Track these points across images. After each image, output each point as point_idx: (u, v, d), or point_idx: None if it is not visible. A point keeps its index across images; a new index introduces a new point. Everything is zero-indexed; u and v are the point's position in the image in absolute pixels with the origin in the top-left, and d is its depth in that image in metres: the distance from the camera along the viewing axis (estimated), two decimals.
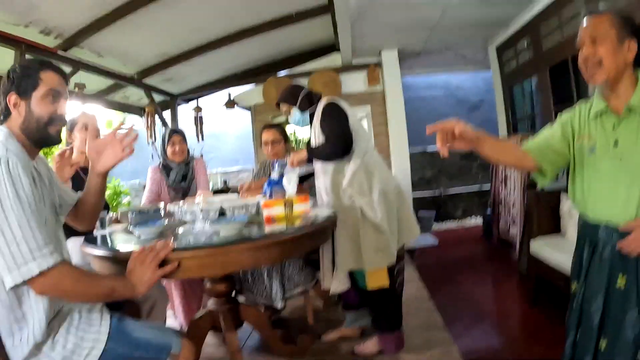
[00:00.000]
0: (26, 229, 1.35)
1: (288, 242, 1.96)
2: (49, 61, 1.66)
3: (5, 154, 1.40)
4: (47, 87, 1.58)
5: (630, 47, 1.58)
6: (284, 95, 3.01)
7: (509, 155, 1.86)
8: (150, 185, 3.48)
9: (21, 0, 3.23)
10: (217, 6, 4.28)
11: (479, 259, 5.81)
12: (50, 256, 1.38)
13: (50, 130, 1.61)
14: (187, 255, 1.77)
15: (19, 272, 1.34)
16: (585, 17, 1.67)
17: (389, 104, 6.16)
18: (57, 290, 1.44)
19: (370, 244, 2.62)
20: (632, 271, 1.57)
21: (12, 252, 1.33)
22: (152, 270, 1.65)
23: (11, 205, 1.35)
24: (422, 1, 4.50)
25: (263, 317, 2.75)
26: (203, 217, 2.19)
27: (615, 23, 1.58)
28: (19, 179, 1.39)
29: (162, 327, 1.83)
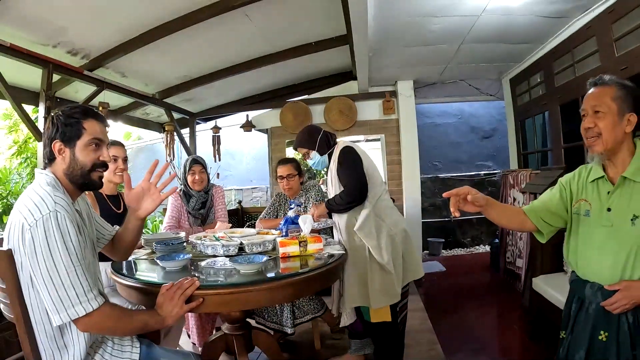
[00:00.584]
0: (73, 276, 1.51)
1: (302, 282, 2.10)
2: (91, 109, 1.79)
3: (54, 207, 1.54)
4: (91, 137, 1.73)
5: (630, 120, 1.70)
6: (302, 140, 3.11)
7: (512, 220, 2.03)
8: (170, 212, 3.61)
9: (52, 23, 3.41)
10: (238, 36, 4.43)
11: (485, 288, 5.85)
12: (94, 300, 1.55)
13: (93, 176, 1.76)
14: (210, 293, 1.92)
15: (67, 313, 1.50)
16: (590, 86, 1.80)
17: (402, 133, 6.23)
18: (99, 328, 1.62)
19: (376, 284, 2.76)
20: (613, 327, 1.71)
21: (61, 296, 1.49)
22: (180, 306, 1.80)
23: (60, 255, 1.50)
24: (439, 39, 4.62)
25: (273, 343, 2.85)
26: (224, 252, 2.38)
27: (618, 97, 1.70)
28: (67, 230, 1.54)
29: (183, 352, 1.97)
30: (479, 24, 4.21)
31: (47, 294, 1.50)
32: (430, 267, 6.78)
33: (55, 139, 1.70)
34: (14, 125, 7.38)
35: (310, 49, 4.99)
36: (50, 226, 1.51)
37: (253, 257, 2.30)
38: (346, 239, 2.88)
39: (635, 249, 1.67)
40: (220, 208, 3.75)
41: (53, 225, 1.51)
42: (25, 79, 4.19)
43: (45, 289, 1.50)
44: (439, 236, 8.00)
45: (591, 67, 4.01)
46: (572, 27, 4.30)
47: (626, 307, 1.67)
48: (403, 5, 3.74)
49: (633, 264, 1.68)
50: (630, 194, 1.71)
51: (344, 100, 6.23)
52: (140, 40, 3.96)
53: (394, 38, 4.57)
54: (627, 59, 3.45)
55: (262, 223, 3.60)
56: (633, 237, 1.67)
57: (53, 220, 1.52)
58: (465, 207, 1.85)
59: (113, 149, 3.00)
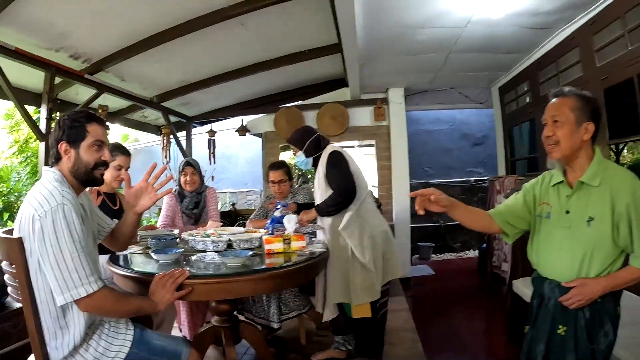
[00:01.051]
0: (77, 261, 1.70)
1: (283, 275, 2.29)
2: (94, 114, 2.00)
3: (62, 201, 1.73)
4: (93, 139, 1.93)
5: (587, 129, 1.82)
6: (294, 138, 3.26)
7: (478, 221, 2.18)
8: (165, 210, 3.76)
9: (55, 28, 3.57)
10: (233, 43, 4.58)
11: (471, 292, 5.98)
12: (95, 283, 1.73)
13: (96, 174, 1.96)
14: (198, 282, 2.12)
15: (70, 294, 1.68)
16: (551, 97, 1.93)
17: (393, 139, 6.36)
18: (98, 309, 1.81)
19: (357, 281, 2.92)
20: (571, 322, 1.84)
21: (65, 278, 1.68)
22: (171, 293, 2.01)
23: (66, 243, 1.69)
24: (427, 48, 4.78)
25: (260, 335, 3.02)
26: (213, 247, 2.59)
27: (576, 107, 1.83)
28: (72, 221, 1.73)
29: (175, 338, 2.14)
30: (465, 34, 4.37)
31: (54, 277, 1.68)
32: (419, 271, 6.92)
33: (62, 141, 1.90)
34: (15, 125, 7.53)
35: (303, 56, 5.12)
36: (57, 217, 1.69)
37: (239, 252, 2.49)
38: (330, 239, 3.03)
39: (591, 249, 1.78)
40: (213, 209, 3.91)
41: (60, 216, 1.70)
42: (28, 81, 4.34)
43: (51, 273, 1.68)
44: (429, 241, 8.14)
45: (574, 77, 4.14)
46: (556, 38, 4.45)
47: (581, 303, 1.78)
48: (390, 16, 3.91)
49: (589, 262, 1.79)
50: (587, 198, 1.81)
51: (336, 107, 6.36)
52: (140, 46, 4.12)
53: (383, 47, 4.74)
54: (607, 69, 3.60)
55: (252, 223, 3.75)
56: (588, 237, 1.78)
57: (60, 212, 1.70)
58: (430, 207, 2.00)
59: (121, 159, 3.22)
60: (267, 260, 2.51)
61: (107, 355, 1.85)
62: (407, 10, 3.81)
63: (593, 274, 1.79)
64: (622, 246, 1.77)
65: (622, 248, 1.78)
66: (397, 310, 4.40)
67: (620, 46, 3.45)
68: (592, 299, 1.78)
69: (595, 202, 1.79)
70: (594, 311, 1.80)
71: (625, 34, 3.35)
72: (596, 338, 1.80)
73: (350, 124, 6.45)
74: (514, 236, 2.16)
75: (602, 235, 1.76)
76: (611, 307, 1.82)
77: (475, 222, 2.18)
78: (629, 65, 3.33)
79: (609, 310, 1.82)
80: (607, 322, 1.81)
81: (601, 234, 1.76)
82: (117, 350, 1.87)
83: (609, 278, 1.78)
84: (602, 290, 1.77)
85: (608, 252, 1.78)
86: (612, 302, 1.82)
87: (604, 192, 1.77)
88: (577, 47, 4.06)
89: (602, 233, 1.76)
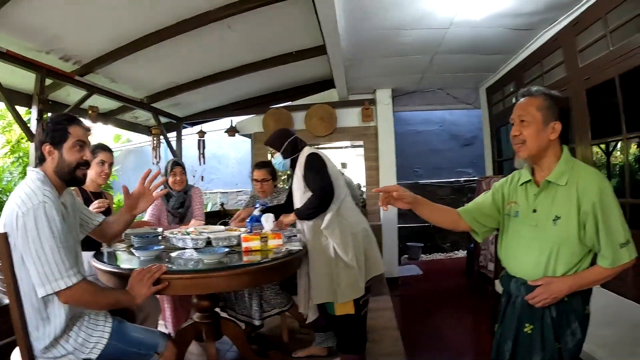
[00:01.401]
0: (57, 256, 1.81)
1: (258, 271, 2.39)
2: (76, 117, 2.13)
3: (43, 199, 1.85)
4: (75, 139, 2.05)
5: (555, 128, 1.83)
6: (271, 140, 3.32)
7: (445, 219, 2.19)
8: (151, 210, 3.84)
9: (46, 31, 3.63)
10: (221, 45, 4.63)
11: (458, 291, 6.04)
12: (74, 276, 1.85)
13: (78, 173, 2.09)
14: (175, 277, 2.24)
15: (50, 286, 1.80)
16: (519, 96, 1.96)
17: (380, 140, 6.43)
18: (77, 301, 1.92)
19: (342, 280, 2.98)
20: (537, 321, 1.85)
21: (45, 271, 1.79)
22: (148, 287, 2.12)
23: (46, 238, 1.80)
24: (412, 50, 4.84)
25: (240, 332, 3.10)
26: (193, 245, 2.68)
27: (543, 107, 1.84)
28: (53, 218, 1.84)
29: (152, 330, 2.23)
30: (449, 35, 4.43)
31: (35, 270, 1.79)
32: (408, 271, 6.98)
33: (46, 143, 2.02)
34: (8, 126, 7.56)
35: (290, 58, 5.17)
36: (39, 214, 1.80)
37: (216, 249, 2.59)
38: (312, 240, 3.09)
39: (557, 247, 1.79)
40: (198, 208, 3.99)
41: (41, 214, 1.81)
42: (19, 82, 4.38)
43: (33, 266, 1.79)
44: (418, 241, 8.20)
45: (558, 77, 4.18)
46: (540, 39, 4.49)
47: (547, 301, 1.79)
48: (373, 18, 3.97)
49: (555, 261, 1.80)
50: (553, 196, 1.83)
51: (324, 108, 6.43)
52: (128, 49, 4.17)
53: (368, 49, 4.80)
54: (589, 69, 3.64)
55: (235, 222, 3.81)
56: (554, 236, 1.79)
57: (41, 210, 1.82)
58: (395, 204, 2.04)
59: (102, 154, 3.34)
60: (245, 257, 2.58)
61: (86, 347, 1.96)
62: (390, 12, 3.86)
63: (560, 273, 1.80)
64: (589, 245, 1.78)
65: (589, 247, 1.79)
66: (382, 309, 4.45)
67: (602, 47, 3.48)
68: (558, 297, 1.79)
69: (561, 201, 1.80)
70: (561, 310, 1.81)
71: (607, 35, 3.39)
72: (563, 337, 1.80)
73: (338, 124, 6.51)
74: (483, 234, 2.18)
75: (567, 234, 1.77)
76: (579, 306, 1.83)
77: (442, 219, 2.19)
78: (610, 65, 3.36)
79: (577, 310, 1.82)
80: (575, 322, 1.81)
81: (567, 233, 1.77)
82: (95, 341, 1.98)
83: (575, 277, 1.79)
84: (568, 289, 1.78)
85: (574, 251, 1.78)
86: (579, 302, 1.83)
87: (570, 191, 1.78)
88: (561, 48, 4.10)
89: (568, 232, 1.77)
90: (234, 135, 6.72)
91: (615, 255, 1.73)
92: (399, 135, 6.52)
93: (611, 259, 1.73)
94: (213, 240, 2.81)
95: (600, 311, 2.82)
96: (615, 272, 1.78)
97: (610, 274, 1.77)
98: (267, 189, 3.91)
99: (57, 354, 1.94)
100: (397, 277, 6.33)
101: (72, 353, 1.94)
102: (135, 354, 2.07)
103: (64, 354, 1.94)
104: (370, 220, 5.98)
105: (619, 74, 3.28)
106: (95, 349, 1.97)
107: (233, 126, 6.70)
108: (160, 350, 2.11)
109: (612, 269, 1.75)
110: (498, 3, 3.74)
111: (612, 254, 1.73)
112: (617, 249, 1.73)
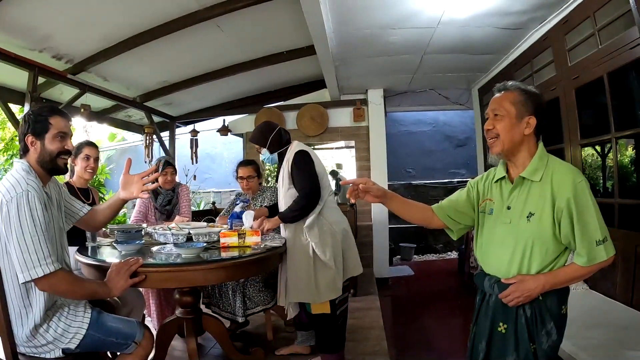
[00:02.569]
0: (37, 243, 1.86)
1: (234, 266, 2.44)
2: (56, 107, 2.18)
3: (27, 188, 1.91)
4: (57, 130, 2.10)
5: (529, 123, 1.79)
6: (255, 136, 3.27)
7: (417, 215, 2.17)
8: (138, 207, 3.91)
9: (39, 30, 3.68)
10: (211, 45, 4.67)
11: (447, 292, 6.06)
12: (52, 265, 1.89)
13: (59, 162, 2.13)
14: (151, 270, 2.30)
15: (28, 273, 1.84)
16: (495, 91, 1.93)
17: (372, 140, 6.45)
18: (54, 289, 1.96)
19: (320, 280, 2.97)
20: (511, 320, 1.81)
21: (25, 258, 1.84)
22: (125, 279, 2.19)
23: (27, 225, 1.86)
24: (401, 49, 4.86)
25: (222, 328, 3.12)
26: (174, 240, 2.71)
27: (518, 101, 1.80)
28: (35, 207, 1.90)
29: (129, 320, 2.25)
30: (438, 35, 4.44)
31: (16, 257, 1.85)
32: (399, 271, 7.01)
33: (28, 134, 2.07)
34: (2, 124, 7.56)
35: (281, 57, 5.21)
36: (22, 202, 1.86)
37: (195, 244, 2.62)
38: (292, 238, 3.07)
39: (530, 244, 1.75)
40: (185, 205, 4.01)
41: (24, 202, 1.87)
42: (12, 80, 4.44)
43: (14, 252, 1.85)
44: (411, 242, 8.23)
45: (548, 76, 4.18)
46: (530, 39, 4.49)
47: (519, 300, 1.76)
48: (360, 18, 3.99)
49: (529, 258, 1.76)
50: (527, 193, 1.79)
51: (315, 108, 6.46)
52: (119, 48, 4.22)
53: (357, 49, 4.82)
54: (578, 68, 3.62)
55: (220, 220, 3.82)
56: (528, 232, 1.75)
57: (25, 198, 1.87)
58: (365, 198, 2.02)
59: (87, 149, 3.38)
60: (223, 253, 2.61)
61: (66, 337, 2.01)
62: (376, 11, 3.87)
63: (534, 271, 1.77)
64: (564, 243, 1.74)
65: (564, 245, 1.75)
66: (368, 308, 4.47)
67: (591, 45, 3.47)
68: (531, 296, 1.75)
69: (535, 197, 1.77)
70: (535, 309, 1.78)
71: (595, 33, 3.38)
72: (538, 337, 1.76)
73: (330, 124, 6.55)
74: (458, 232, 2.14)
75: (541, 231, 1.74)
76: (554, 306, 1.78)
77: (414, 215, 2.17)
78: (599, 64, 3.34)
79: (552, 309, 1.78)
80: (550, 322, 1.77)
81: (541, 230, 1.74)
82: (74, 331, 2.02)
83: (548, 275, 1.75)
84: (542, 288, 1.74)
85: (549, 249, 1.75)
86: (555, 301, 1.78)
87: (544, 188, 1.75)
88: (550, 47, 4.09)
89: (542, 228, 1.74)
90: (226, 134, 6.75)
91: (591, 253, 1.69)
92: (392, 135, 6.54)
93: (587, 257, 1.69)
94: (194, 235, 2.84)
95: (588, 313, 2.86)
96: (592, 271, 1.74)
97: (586, 272, 1.74)
98: (252, 186, 3.92)
99: (37, 343, 1.99)
100: (387, 277, 6.35)
101: (52, 342, 2.00)
102: (112, 343, 2.12)
103: (44, 344, 1.99)
104: (362, 221, 6.06)
105: (607, 72, 3.26)
106: (74, 339, 2.01)
107: (225, 125, 6.73)
108: (138, 340, 2.16)
109: (588, 267, 1.71)
110: (485, 2, 3.74)
111: (588, 251, 1.69)
112: (593, 246, 1.68)
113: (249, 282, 3.45)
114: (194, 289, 2.96)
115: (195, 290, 3.01)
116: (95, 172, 3.48)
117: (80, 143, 3.43)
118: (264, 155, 3.27)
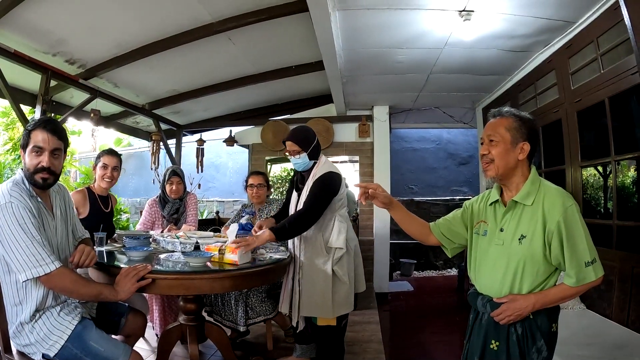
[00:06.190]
0: (31, 247, 1.94)
1: (240, 276, 2.48)
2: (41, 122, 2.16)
3: (10, 200, 1.97)
4: (32, 145, 2.12)
5: (523, 149, 1.86)
6: (299, 138, 3.05)
7: (416, 229, 2.27)
8: (146, 216, 3.98)
9: (54, 34, 3.76)
10: (222, 57, 4.75)
11: (446, 308, 6.08)
12: (52, 264, 1.97)
13: (36, 178, 2.13)
14: (159, 277, 2.35)
15: (31, 272, 1.92)
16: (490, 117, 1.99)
17: (376, 156, 6.51)
18: (59, 286, 2.04)
19: (338, 295, 2.99)
20: (503, 338, 1.87)
21: (24, 260, 1.92)
22: (132, 283, 2.22)
23: (18, 233, 1.94)
24: (408, 69, 4.95)
25: (224, 336, 3.16)
26: (181, 248, 2.81)
27: (512, 127, 1.87)
28: (20, 215, 1.97)
29: (116, 343, 2.22)
30: (444, 56, 4.52)
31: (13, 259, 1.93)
32: (399, 287, 7.04)
33: (21, 146, 2.16)
34: (11, 123, 7.64)
35: (290, 72, 5.28)
36: (5, 213, 1.94)
37: (203, 253, 2.66)
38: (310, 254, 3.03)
39: (522, 265, 1.82)
40: (191, 214, 4.06)
41: (9, 213, 1.94)
42: (24, 81, 4.52)
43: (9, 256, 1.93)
44: (412, 258, 8.25)
45: (550, 99, 4.25)
46: (535, 61, 4.56)
47: (511, 319, 1.82)
48: (369, 37, 4.08)
49: (520, 278, 1.83)
50: (519, 216, 1.86)
51: (321, 122, 6.52)
52: (131, 56, 4.30)
53: (364, 67, 4.91)
54: (581, 91, 3.69)
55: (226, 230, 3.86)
56: (519, 254, 1.82)
57: (9, 209, 1.95)
58: (374, 201, 2.14)
59: (105, 158, 3.44)
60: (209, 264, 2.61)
61: (46, 342, 2.05)
62: (386, 31, 3.96)
63: (525, 291, 1.83)
64: (554, 264, 1.80)
65: (555, 266, 1.81)
66: (367, 322, 4.51)
67: (593, 70, 3.54)
68: (522, 315, 1.81)
69: (527, 221, 1.83)
70: (526, 327, 1.83)
71: (598, 58, 3.45)
72: (529, 354, 1.82)
73: (335, 139, 6.61)
74: (452, 250, 2.21)
75: (532, 252, 1.80)
76: (544, 324, 1.84)
77: (413, 228, 2.26)
78: (601, 88, 3.41)
79: (542, 327, 1.84)
80: (540, 339, 1.82)
81: (531, 251, 1.80)
82: (55, 339, 2.06)
83: (539, 295, 1.81)
84: (532, 307, 1.80)
85: (539, 269, 1.81)
86: (545, 319, 1.85)
87: (536, 211, 1.81)
88: (554, 70, 4.15)
89: (533, 250, 1.79)
90: (232, 145, 6.83)
91: (580, 273, 1.74)
92: (396, 152, 6.59)
93: (576, 278, 1.75)
94: (201, 245, 2.89)
95: (583, 332, 2.90)
96: (580, 291, 1.81)
97: (575, 292, 1.80)
98: (261, 194, 3.98)
99: (22, 342, 2.05)
100: (387, 292, 6.39)
101: (34, 344, 2.04)
102: None
103: (27, 344, 2.04)
104: (363, 235, 6.12)
105: (608, 96, 3.33)
106: (53, 347, 2.04)
107: (232, 136, 6.81)
108: None
109: (577, 287, 1.77)
110: (491, 25, 3.82)
111: (577, 272, 1.74)
112: (582, 267, 1.74)
113: (252, 292, 3.50)
114: (198, 296, 3.01)
115: (199, 298, 3.05)
116: (114, 180, 3.49)
117: (101, 151, 3.50)
118: (300, 160, 3.07)
